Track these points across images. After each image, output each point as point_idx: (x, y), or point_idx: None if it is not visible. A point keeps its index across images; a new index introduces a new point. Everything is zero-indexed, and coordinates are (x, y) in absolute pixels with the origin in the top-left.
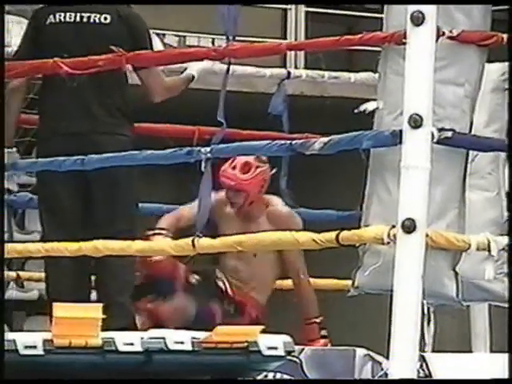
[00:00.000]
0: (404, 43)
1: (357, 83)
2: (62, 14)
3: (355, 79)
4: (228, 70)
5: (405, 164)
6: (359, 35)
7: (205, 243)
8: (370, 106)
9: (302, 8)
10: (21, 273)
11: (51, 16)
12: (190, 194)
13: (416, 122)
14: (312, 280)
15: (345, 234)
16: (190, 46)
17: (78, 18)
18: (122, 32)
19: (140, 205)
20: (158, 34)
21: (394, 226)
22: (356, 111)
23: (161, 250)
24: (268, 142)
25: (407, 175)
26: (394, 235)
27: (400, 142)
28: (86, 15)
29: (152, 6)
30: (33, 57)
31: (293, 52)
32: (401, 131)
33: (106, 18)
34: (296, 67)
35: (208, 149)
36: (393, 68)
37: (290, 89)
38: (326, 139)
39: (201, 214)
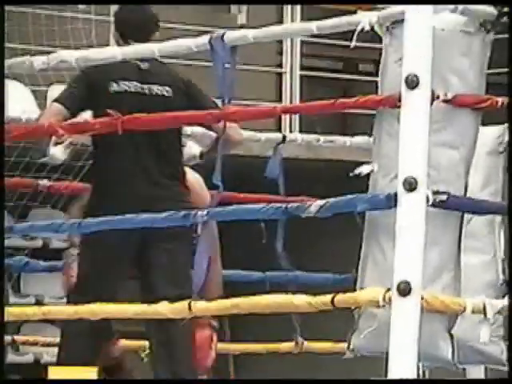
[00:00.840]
0: (399, 106)
1: (352, 146)
2: (127, 83)
3: (350, 143)
4: (223, 132)
5: (400, 226)
6: (354, 98)
7: (201, 306)
8: (364, 169)
9: (297, 71)
10: (16, 337)
11: (114, 84)
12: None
13: (411, 185)
14: (308, 342)
15: (340, 297)
16: None
17: (140, 89)
18: (182, 105)
19: None
20: None
21: (389, 289)
22: (351, 174)
23: (157, 313)
24: (264, 205)
25: (402, 238)
26: (390, 298)
27: (395, 205)
28: (147, 86)
29: None
30: (80, 109)
31: (288, 115)
32: (396, 194)
33: (167, 91)
34: (291, 130)
35: (205, 212)
36: (388, 131)
37: (286, 152)
38: (321, 202)
39: (197, 277)
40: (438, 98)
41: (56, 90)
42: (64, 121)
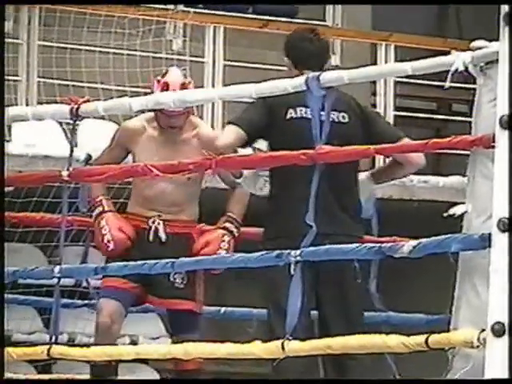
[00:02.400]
0: (493, 146)
1: (445, 187)
2: (303, 109)
3: (444, 183)
4: (319, 174)
5: (494, 267)
6: (447, 139)
7: (294, 346)
8: (458, 210)
9: (391, 112)
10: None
11: (291, 110)
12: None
13: (505, 226)
14: None
15: (434, 337)
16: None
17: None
18: (358, 131)
19: (229, 309)
20: None
21: (483, 330)
22: (445, 215)
23: (250, 353)
24: (358, 244)
25: (496, 278)
26: (484, 339)
27: (489, 246)
28: (324, 113)
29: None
30: (256, 136)
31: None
32: (490, 234)
33: (344, 117)
34: None
35: (298, 252)
36: (481, 171)
37: (380, 192)
38: (414, 242)
39: (290, 316)
40: None
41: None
42: (240, 145)
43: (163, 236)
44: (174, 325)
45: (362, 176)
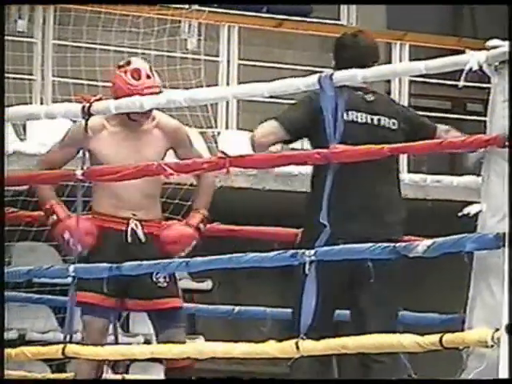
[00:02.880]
0: (507, 146)
1: (459, 186)
2: (355, 114)
3: (458, 183)
4: (331, 174)
5: (508, 267)
6: (462, 138)
7: (309, 345)
8: (473, 209)
9: None
10: (126, 376)
11: (344, 113)
12: (295, 297)
13: None
14: None
15: (448, 336)
16: (293, 149)
17: (369, 120)
18: (404, 138)
19: (244, 308)
20: None
21: (497, 329)
22: (460, 214)
23: (264, 353)
24: (372, 244)
25: (511, 278)
26: (498, 338)
27: (504, 245)
28: (376, 118)
29: (256, 110)
30: (296, 135)
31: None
32: (504, 234)
33: (393, 124)
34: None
35: (312, 251)
36: (496, 170)
37: None
38: (429, 242)
39: (305, 315)
40: None
41: None
42: (278, 142)
43: (142, 237)
44: (160, 323)
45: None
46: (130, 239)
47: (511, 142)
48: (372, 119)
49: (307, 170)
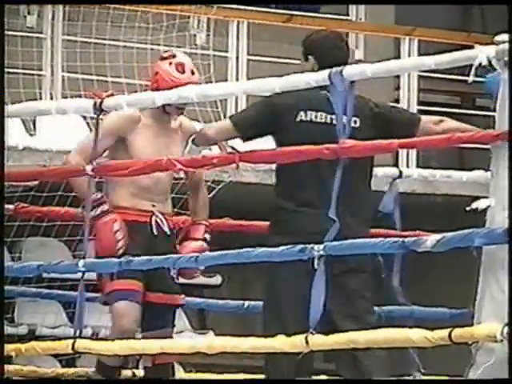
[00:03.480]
0: (508, 141)
1: (468, 181)
2: (314, 113)
3: (467, 178)
4: (341, 168)
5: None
6: (471, 133)
7: (318, 340)
8: (482, 204)
9: (415, 106)
10: (136, 371)
11: (302, 113)
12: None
13: None
14: (424, 378)
15: (457, 331)
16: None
17: (328, 120)
18: (370, 135)
19: (253, 303)
20: None
21: (506, 324)
22: (468, 209)
23: (273, 347)
24: (381, 239)
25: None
26: (507, 333)
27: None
28: (335, 117)
29: None
30: (251, 135)
31: (405, 150)
32: None
33: (355, 122)
34: (408, 165)
35: (321, 246)
36: (505, 165)
37: (402, 187)
38: (438, 237)
39: (314, 310)
40: None
41: None
42: (227, 139)
43: (167, 229)
44: (166, 318)
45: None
46: (155, 232)
47: (511, 137)
48: (331, 118)
49: None
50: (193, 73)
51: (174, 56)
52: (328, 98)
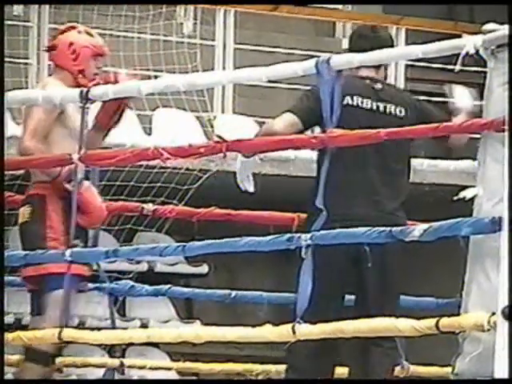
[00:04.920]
0: (503, 130)
1: (456, 170)
2: (361, 99)
3: (455, 167)
4: (328, 157)
5: (504, 251)
6: (458, 122)
7: (305, 329)
8: (469, 193)
9: None
10: (123, 360)
11: (348, 97)
12: (290, 281)
13: None
14: (412, 367)
15: (444, 321)
16: None
17: (374, 106)
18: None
19: (240, 293)
20: (258, 122)
21: (494, 313)
22: (455, 198)
23: (261, 337)
24: (368, 228)
25: (506, 262)
26: (494, 322)
27: (500, 229)
28: (382, 104)
29: (251, 94)
30: (310, 123)
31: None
32: (500, 218)
33: (400, 111)
34: None
35: (308, 235)
36: (492, 155)
37: None
38: (425, 226)
39: (301, 299)
40: None
41: (161, 114)
42: (296, 133)
43: None
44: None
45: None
46: None
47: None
48: (378, 106)
49: (304, 154)
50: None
51: (74, 27)
52: (373, 86)
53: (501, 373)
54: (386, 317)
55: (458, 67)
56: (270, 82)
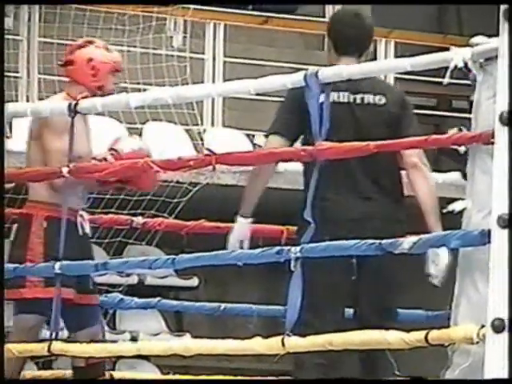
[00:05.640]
0: (492, 143)
1: (444, 183)
2: (336, 94)
3: (443, 180)
4: (317, 170)
5: (493, 264)
6: (447, 135)
7: (294, 342)
8: (458, 206)
9: None
10: (113, 373)
11: (322, 95)
12: (279, 294)
13: (505, 222)
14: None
15: (434, 333)
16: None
17: (351, 99)
18: (395, 114)
19: (230, 305)
20: (248, 135)
21: (483, 326)
22: (445, 211)
23: (251, 349)
24: (357, 241)
25: (496, 274)
26: (484, 335)
27: (489, 242)
28: (359, 96)
29: (241, 107)
30: (296, 135)
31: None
32: (489, 231)
33: (380, 99)
34: None
35: (298, 248)
36: (481, 167)
37: None
38: (414, 238)
39: (290, 312)
40: None
41: (151, 128)
42: None
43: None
44: (81, 319)
45: None
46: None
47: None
48: (355, 98)
49: (293, 167)
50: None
51: (91, 42)
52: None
53: None
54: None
55: (446, 80)
56: (259, 94)
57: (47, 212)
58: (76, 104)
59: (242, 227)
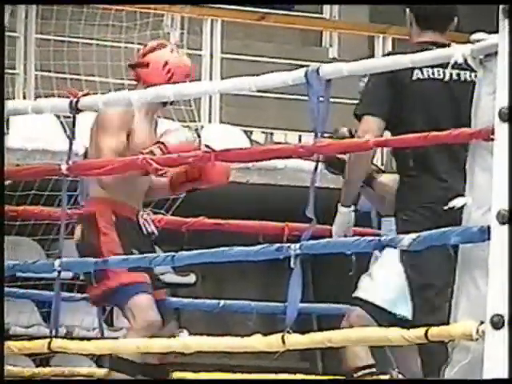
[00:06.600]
0: (492, 139)
1: None
2: (430, 70)
3: None
4: (316, 167)
5: (493, 260)
6: (447, 132)
7: (294, 339)
8: (458, 203)
9: None
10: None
11: (417, 71)
12: (279, 291)
13: (504, 218)
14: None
15: (434, 330)
16: (276, 143)
17: (447, 76)
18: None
19: (228, 302)
20: (245, 131)
21: (482, 322)
22: (445, 207)
23: (250, 347)
24: (357, 237)
25: (495, 271)
26: (483, 331)
27: (489, 238)
28: (455, 72)
29: (239, 104)
30: (391, 114)
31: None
32: (489, 227)
33: (470, 76)
34: (382, 163)
35: (297, 245)
36: (481, 164)
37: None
38: (414, 235)
39: (290, 310)
40: None
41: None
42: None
43: (155, 230)
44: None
45: None
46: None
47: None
48: (451, 74)
49: (294, 163)
50: None
51: (164, 45)
52: None
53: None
54: None
55: (447, 76)
56: (258, 91)
57: (110, 207)
58: (77, 101)
59: (344, 216)
